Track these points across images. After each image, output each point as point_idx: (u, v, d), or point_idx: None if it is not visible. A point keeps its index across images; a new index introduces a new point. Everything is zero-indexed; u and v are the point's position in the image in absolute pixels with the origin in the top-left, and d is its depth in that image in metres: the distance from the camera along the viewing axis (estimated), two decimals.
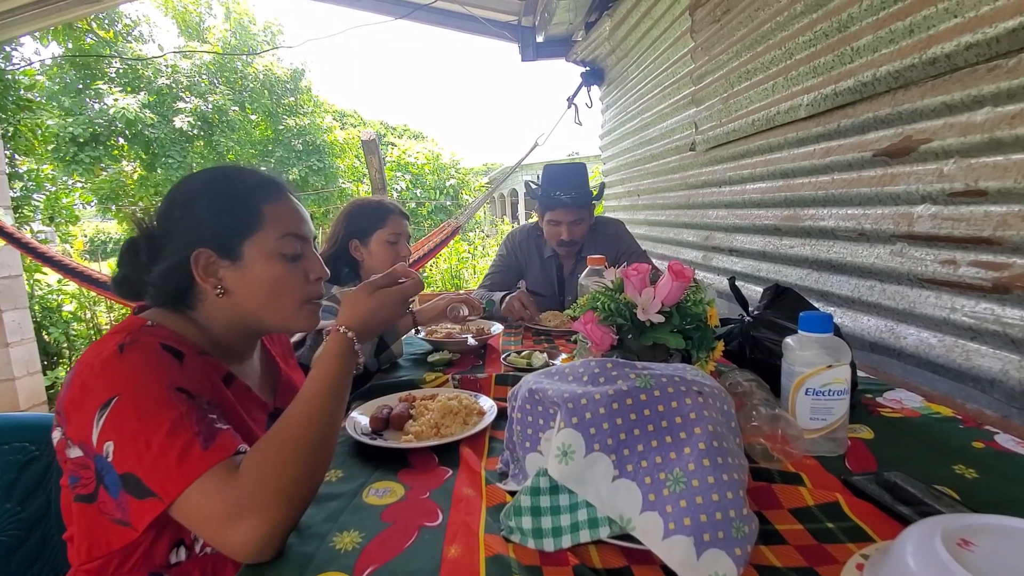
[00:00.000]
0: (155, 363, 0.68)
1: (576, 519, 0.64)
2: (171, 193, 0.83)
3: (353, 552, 0.66)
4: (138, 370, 0.67)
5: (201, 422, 0.66)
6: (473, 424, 0.98)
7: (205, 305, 0.81)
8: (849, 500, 0.73)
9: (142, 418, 0.64)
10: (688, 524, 0.57)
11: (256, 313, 0.83)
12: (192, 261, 0.77)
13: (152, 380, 0.66)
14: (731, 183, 2.14)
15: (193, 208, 0.80)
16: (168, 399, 0.66)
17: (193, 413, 0.66)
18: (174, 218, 0.80)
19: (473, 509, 0.74)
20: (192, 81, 8.30)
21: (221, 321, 0.82)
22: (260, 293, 0.81)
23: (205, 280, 0.78)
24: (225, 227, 0.79)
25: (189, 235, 0.78)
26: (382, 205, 1.69)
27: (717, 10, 2.11)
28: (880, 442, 0.91)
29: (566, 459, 0.63)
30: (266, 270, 0.81)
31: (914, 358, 1.27)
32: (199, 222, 0.79)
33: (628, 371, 0.70)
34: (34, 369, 4.04)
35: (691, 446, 0.62)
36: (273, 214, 0.82)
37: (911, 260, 1.25)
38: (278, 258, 0.81)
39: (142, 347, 0.69)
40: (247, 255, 0.80)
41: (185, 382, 0.69)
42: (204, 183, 0.83)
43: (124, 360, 0.67)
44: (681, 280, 1.01)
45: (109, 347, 0.69)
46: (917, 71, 1.20)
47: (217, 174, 0.85)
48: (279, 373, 0.99)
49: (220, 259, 0.79)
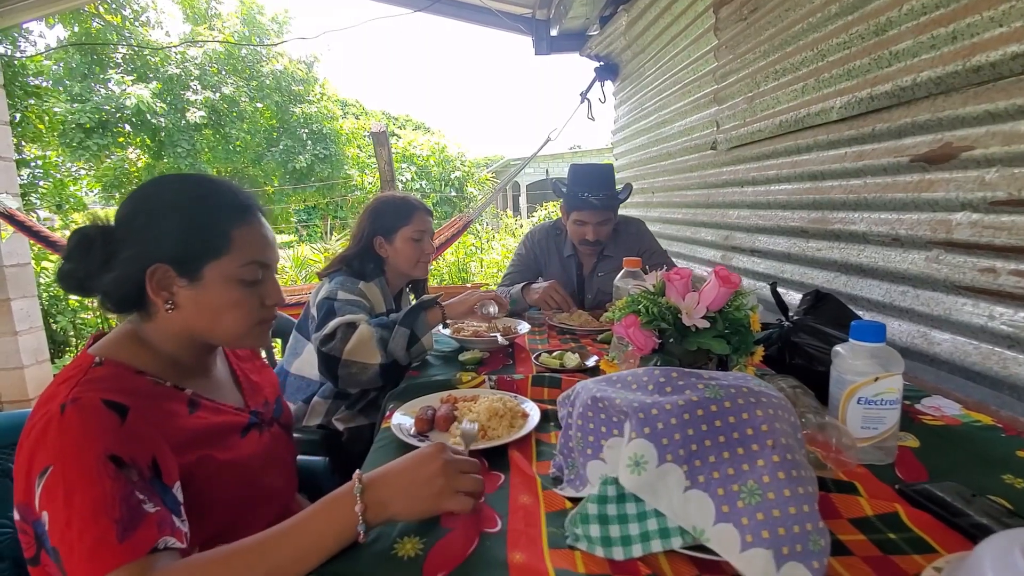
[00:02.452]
0: (91, 428, 0.65)
1: (646, 528, 0.64)
2: (137, 197, 0.79)
3: (417, 559, 0.67)
4: (72, 438, 0.64)
5: (125, 504, 0.62)
6: (519, 427, 0.99)
7: (157, 318, 0.79)
8: (908, 511, 0.73)
9: (68, 494, 0.62)
10: (767, 537, 0.57)
11: (207, 329, 0.81)
12: (147, 275, 0.75)
13: (84, 450, 0.63)
14: (754, 183, 2.13)
15: (159, 221, 0.77)
16: (96, 474, 0.62)
17: (119, 492, 0.62)
18: (137, 225, 0.77)
19: (533, 517, 0.74)
20: (202, 70, 8.24)
21: (173, 335, 0.80)
22: (210, 314, 0.80)
23: (156, 294, 0.76)
24: (190, 247, 0.77)
25: (150, 247, 0.76)
26: (407, 202, 1.68)
27: (744, 8, 2.09)
28: (927, 451, 0.91)
29: (638, 469, 0.64)
30: (222, 294, 0.79)
31: (948, 364, 1.27)
32: (163, 237, 0.77)
33: (695, 381, 0.70)
34: (42, 358, 4.04)
35: (764, 458, 0.62)
36: (241, 239, 0.80)
37: (948, 267, 1.25)
38: (236, 283, 0.80)
39: (82, 408, 0.66)
40: (207, 277, 0.78)
41: (120, 447, 0.65)
42: (175, 196, 0.79)
43: (62, 425, 0.65)
44: (728, 286, 1.01)
45: (53, 407, 0.66)
46: (960, 78, 1.19)
47: (190, 189, 0.81)
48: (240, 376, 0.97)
49: (177, 277, 0.77)
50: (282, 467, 0.97)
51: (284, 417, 1.03)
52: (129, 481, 0.64)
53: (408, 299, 1.84)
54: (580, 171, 1.99)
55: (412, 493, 0.69)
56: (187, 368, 0.83)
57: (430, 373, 1.38)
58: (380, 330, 1.36)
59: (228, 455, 0.81)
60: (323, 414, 1.56)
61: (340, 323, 1.37)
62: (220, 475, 0.79)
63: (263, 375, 1.03)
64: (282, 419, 1.02)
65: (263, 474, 0.88)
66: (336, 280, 1.54)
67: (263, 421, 0.93)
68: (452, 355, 1.53)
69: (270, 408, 0.99)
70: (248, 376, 0.98)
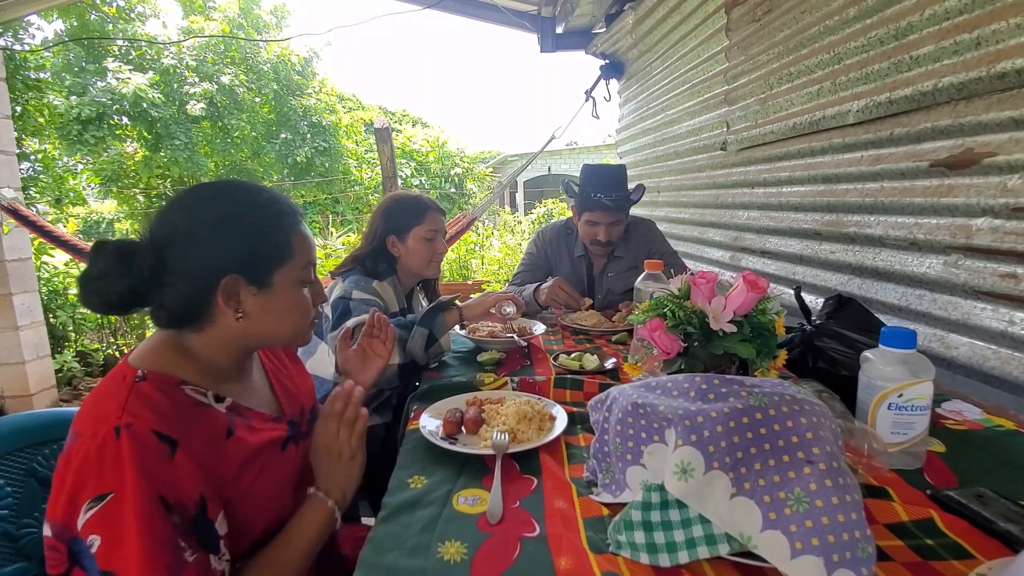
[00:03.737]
0: (146, 464, 0.66)
1: (691, 535, 0.65)
2: (191, 209, 0.79)
3: (463, 564, 0.67)
4: (131, 471, 0.65)
5: (174, 550, 0.65)
6: (548, 430, 0.99)
7: (214, 327, 0.79)
8: (943, 516, 0.74)
9: (128, 528, 0.63)
10: (816, 544, 0.58)
11: (270, 332, 0.83)
12: (220, 286, 0.76)
13: (142, 487, 0.65)
14: (766, 185, 2.14)
15: (226, 233, 0.77)
16: (150, 514, 0.64)
17: (168, 536, 0.65)
18: (201, 239, 0.76)
19: (570, 522, 0.75)
20: (199, 61, 8.16)
21: (226, 343, 0.81)
22: (276, 318, 0.82)
23: (227, 304, 0.77)
24: (260, 256, 0.79)
25: (220, 260, 0.77)
26: (419, 201, 1.68)
27: (757, 10, 2.09)
28: (953, 456, 0.92)
29: (685, 476, 0.64)
30: (289, 298, 0.83)
31: (965, 368, 1.28)
32: (232, 248, 0.77)
33: (737, 388, 0.70)
34: (43, 353, 4.02)
35: (811, 466, 0.63)
36: (297, 243, 0.83)
37: (967, 272, 1.26)
38: (299, 286, 0.84)
39: (135, 437, 0.66)
40: (276, 283, 0.80)
41: (169, 488, 0.67)
42: (236, 207, 0.80)
43: (119, 452, 0.65)
44: (756, 291, 1.02)
45: (106, 429, 0.66)
46: (983, 84, 1.20)
47: (249, 199, 0.82)
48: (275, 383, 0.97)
49: (248, 285, 0.78)
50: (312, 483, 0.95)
51: None
52: (174, 524, 0.66)
53: (419, 298, 1.84)
54: (593, 171, 1.99)
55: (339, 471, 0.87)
56: (227, 374, 0.84)
57: (449, 374, 1.38)
58: (399, 330, 1.36)
59: (266, 478, 0.81)
60: None
61: (358, 322, 1.37)
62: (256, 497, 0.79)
63: (300, 380, 1.02)
64: None
65: (298, 489, 0.88)
66: (350, 279, 1.54)
67: (299, 433, 0.92)
68: (469, 356, 1.53)
69: (306, 416, 0.97)
70: (284, 383, 0.97)
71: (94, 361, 4.78)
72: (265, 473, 0.81)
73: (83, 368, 4.65)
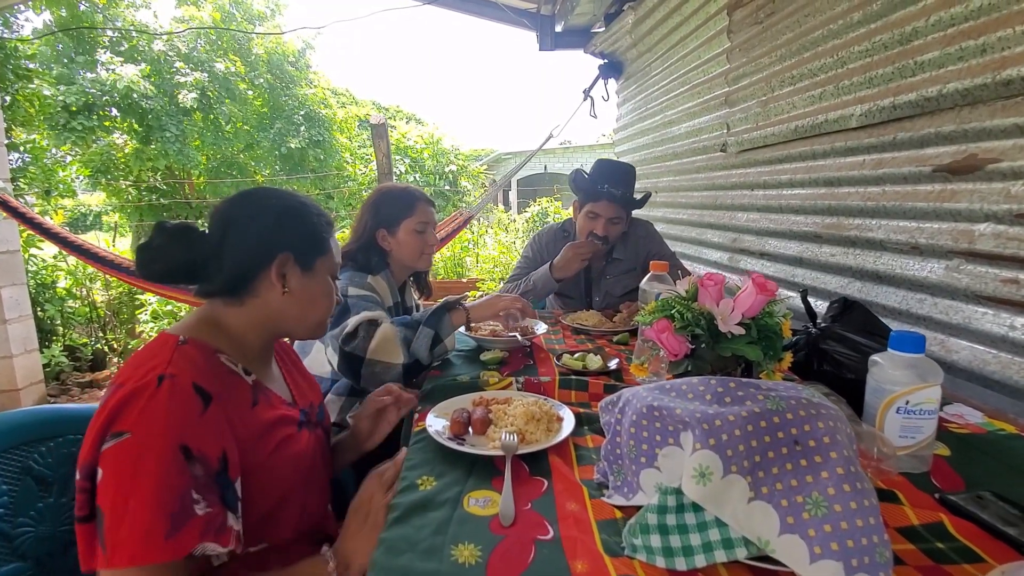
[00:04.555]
0: (175, 411, 0.71)
1: (708, 538, 0.65)
2: (254, 200, 0.91)
3: (478, 567, 0.67)
4: (157, 416, 0.69)
5: (181, 501, 0.67)
6: (556, 431, 0.99)
7: (256, 300, 0.88)
8: (952, 520, 0.75)
9: (136, 469, 0.67)
10: (836, 549, 0.58)
11: (297, 317, 0.93)
12: (277, 260, 0.88)
13: (164, 434, 0.69)
14: (766, 187, 2.15)
15: (286, 219, 0.90)
16: (168, 461, 0.68)
17: (180, 486, 0.68)
18: (265, 222, 0.89)
19: (584, 525, 0.74)
20: (191, 49, 8.03)
21: (259, 321, 0.90)
22: (313, 300, 0.94)
23: (277, 278, 0.88)
24: (310, 243, 0.93)
25: (279, 239, 0.89)
26: (409, 193, 1.65)
27: (760, 12, 2.10)
28: (959, 460, 0.93)
29: (704, 480, 0.64)
30: (324, 284, 0.96)
31: (966, 372, 1.29)
32: (291, 231, 0.91)
33: (753, 392, 0.70)
34: (31, 347, 3.96)
35: (828, 470, 0.63)
36: (333, 244, 0.98)
37: (969, 276, 1.27)
38: (330, 278, 0.98)
39: (175, 385, 0.72)
40: (317, 269, 0.94)
41: (194, 438, 0.71)
42: (292, 201, 0.93)
43: (155, 397, 0.70)
44: (765, 294, 1.02)
45: (151, 377, 0.72)
46: (988, 90, 1.21)
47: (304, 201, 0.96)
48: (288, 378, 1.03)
49: (295, 264, 0.90)
50: (318, 476, 0.99)
51: (326, 422, 1.06)
52: (192, 475, 0.69)
53: (411, 291, 1.82)
54: (604, 165, 1.99)
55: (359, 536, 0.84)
56: (254, 355, 0.92)
57: (452, 373, 1.37)
58: (404, 329, 1.35)
59: (284, 447, 0.87)
60: (337, 411, 1.54)
61: (361, 320, 1.35)
62: (271, 468, 0.84)
63: (307, 381, 1.08)
64: (324, 424, 1.05)
65: (305, 476, 0.91)
66: (344, 276, 1.52)
67: (310, 421, 0.98)
68: (472, 355, 1.52)
69: (315, 411, 1.02)
70: (296, 379, 1.03)
71: (82, 356, 4.71)
72: (282, 446, 0.86)
73: (71, 363, 4.59)
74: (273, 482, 0.84)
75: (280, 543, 0.87)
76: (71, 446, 1.04)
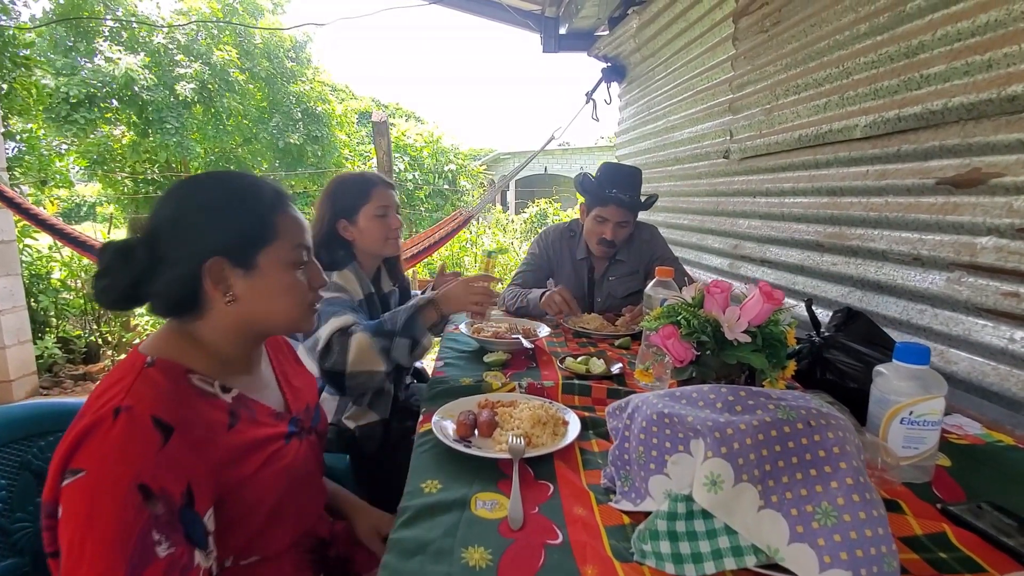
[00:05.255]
0: (131, 449, 0.66)
1: (717, 546, 0.65)
2: (178, 197, 0.81)
3: (488, 570, 0.67)
4: (111, 453, 0.65)
5: (141, 542, 0.63)
6: (561, 435, 0.99)
7: (212, 313, 0.80)
8: (954, 531, 0.76)
9: (91, 510, 0.62)
10: (845, 559, 0.59)
11: (265, 317, 0.84)
12: (204, 270, 0.77)
13: (119, 472, 0.64)
14: (768, 195, 2.16)
15: (208, 217, 0.79)
16: (123, 500, 0.63)
17: (138, 526, 0.63)
18: (185, 224, 0.78)
19: (592, 530, 0.75)
20: (190, 40, 7.98)
21: (228, 330, 0.82)
22: (268, 300, 0.83)
23: (215, 288, 0.78)
24: (242, 238, 0.80)
25: (203, 243, 0.78)
26: (365, 178, 1.58)
27: (766, 21, 2.11)
28: (960, 471, 0.94)
29: (715, 488, 0.65)
30: (278, 279, 0.83)
31: (964, 383, 1.31)
32: (214, 231, 0.79)
33: (764, 401, 0.71)
34: (24, 338, 3.93)
35: (838, 480, 0.64)
36: (283, 225, 0.83)
37: (970, 289, 1.29)
38: (289, 267, 0.84)
39: (131, 420, 0.66)
40: (261, 264, 0.81)
41: (152, 477, 0.65)
42: (218, 192, 0.82)
43: (109, 432, 0.65)
44: (771, 302, 1.03)
45: (107, 409, 0.67)
46: (993, 106, 1.22)
47: (230, 184, 0.84)
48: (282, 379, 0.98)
49: (233, 268, 0.79)
50: (312, 481, 0.95)
51: (320, 425, 1.02)
52: (152, 515, 0.64)
53: (385, 278, 1.74)
54: (610, 169, 2.00)
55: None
56: (235, 364, 0.85)
57: (455, 374, 1.37)
58: (379, 340, 1.29)
59: (271, 462, 0.81)
60: (332, 412, 1.52)
61: (332, 332, 1.29)
62: (256, 486, 0.79)
63: (304, 379, 1.03)
64: (319, 427, 1.00)
65: (297, 485, 0.87)
66: None
67: (302, 429, 0.92)
68: (474, 355, 1.53)
69: (310, 414, 0.98)
70: (290, 380, 0.98)
71: (76, 348, 4.67)
72: (269, 462, 0.81)
73: (64, 355, 4.55)
74: (262, 497, 0.80)
75: (273, 554, 0.84)
76: None
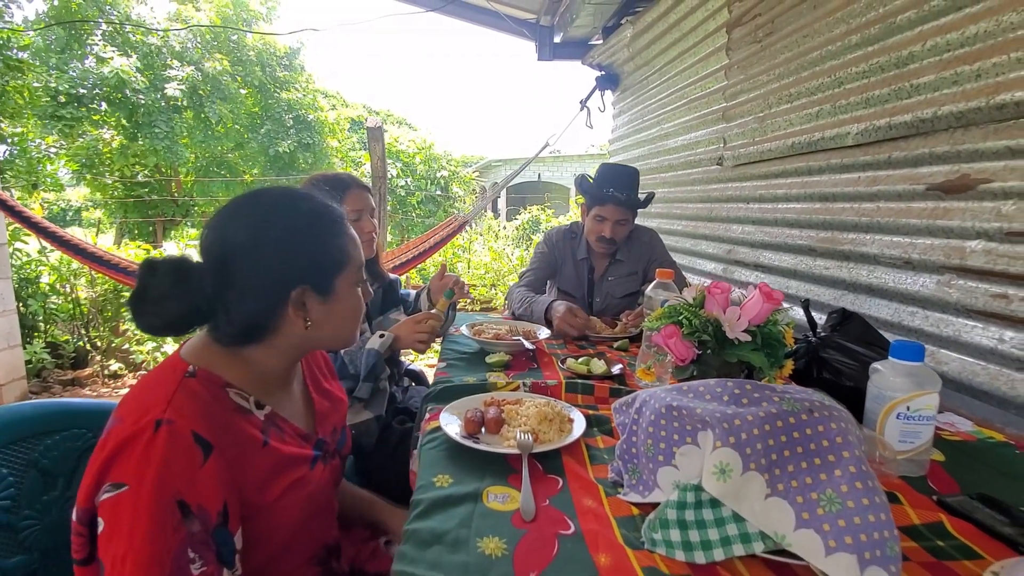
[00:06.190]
0: (174, 463, 0.66)
1: (726, 533, 0.68)
2: (250, 223, 0.77)
3: (504, 559, 0.68)
4: (155, 467, 0.64)
5: (176, 561, 0.64)
6: (568, 431, 1.01)
7: (278, 337, 0.79)
8: (951, 520, 0.78)
9: (133, 524, 0.63)
10: (850, 543, 0.61)
11: (327, 340, 0.85)
12: (292, 296, 0.77)
13: (161, 487, 0.64)
14: (761, 201, 2.20)
15: (290, 245, 0.77)
16: (163, 516, 0.63)
17: (175, 544, 0.64)
18: (267, 253, 0.76)
19: (603, 520, 0.77)
20: (184, 47, 7.98)
21: (283, 351, 0.81)
22: (341, 322, 0.84)
23: (296, 315, 0.78)
24: (324, 265, 0.80)
25: (288, 272, 0.77)
26: (338, 179, 1.54)
27: (759, 32, 2.16)
28: (953, 465, 0.97)
29: (724, 476, 0.67)
30: (350, 302, 0.84)
31: (955, 383, 1.34)
32: (299, 259, 0.78)
33: (769, 393, 0.74)
34: (14, 342, 3.88)
35: (841, 468, 0.66)
36: (349, 247, 0.83)
37: (960, 291, 1.33)
38: (355, 287, 0.85)
39: (173, 434, 0.66)
40: (338, 289, 0.81)
41: (192, 493, 0.66)
42: (295, 218, 0.79)
43: (151, 445, 0.65)
44: (771, 302, 1.06)
45: (147, 420, 0.66)
46: (982, 114, 1.27)
47: (303, 207, 0.81)
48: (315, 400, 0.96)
49: (315, 294, 0.79)
50: (329, 505, 0.95)
51: (345, 449, 1.01)
52: (189, 532, 0.65)
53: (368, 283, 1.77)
54: (609, 169, 2.04)
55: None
56: (272, 381, 0.84)
57: (459, 374, 1.39)
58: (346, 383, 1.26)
59: (293, 491, 0.81)
60: None
61: None
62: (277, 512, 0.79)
63: (336, 396, 1.01)
64: (343, 451, 1.00)
65: (315, 512, 0.87)
66: None
67: (327, 453, 0.91)
68: (475, 356, 1.54)
69: (336, 436, 0.97)
70: (321, 397, 0.96)
71: (64, 353, 4.62)
72: (291, 490, 0.80)
73: (53, 360, 4.50)
74: (282, 523, 0.79)
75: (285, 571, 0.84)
76: (77, 440, 1.03)
